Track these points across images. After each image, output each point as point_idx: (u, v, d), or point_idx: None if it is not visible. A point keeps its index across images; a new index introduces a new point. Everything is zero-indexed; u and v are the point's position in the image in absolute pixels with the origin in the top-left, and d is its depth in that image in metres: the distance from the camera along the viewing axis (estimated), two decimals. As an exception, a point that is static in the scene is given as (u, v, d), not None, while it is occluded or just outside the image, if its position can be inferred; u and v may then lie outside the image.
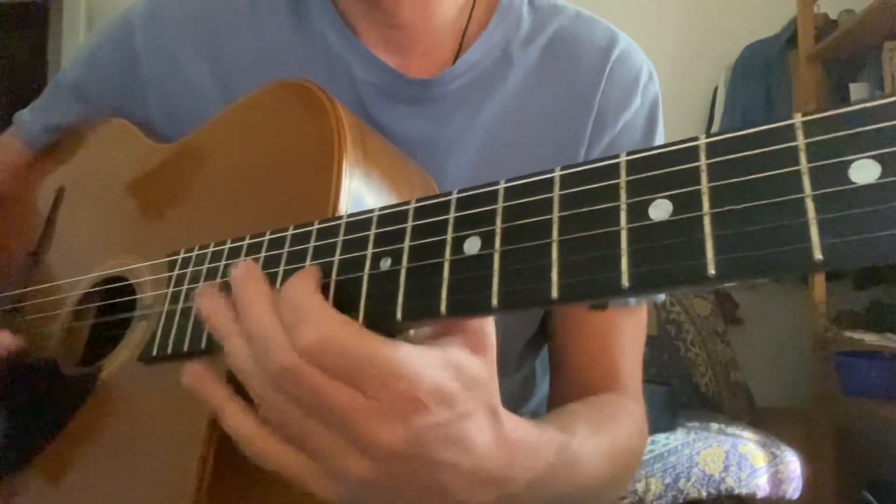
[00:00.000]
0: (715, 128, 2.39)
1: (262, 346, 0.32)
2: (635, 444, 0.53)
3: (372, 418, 0.30)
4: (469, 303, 0.30)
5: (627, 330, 0.59)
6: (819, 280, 2.04)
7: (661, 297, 0.73)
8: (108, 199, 0.59)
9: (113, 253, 0.53)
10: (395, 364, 0.30)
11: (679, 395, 1.92)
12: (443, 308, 0.30)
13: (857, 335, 1.87)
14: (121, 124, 0.62)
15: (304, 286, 0.32)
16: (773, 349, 2.27)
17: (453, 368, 0.31)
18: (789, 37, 2.30)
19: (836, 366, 1.94)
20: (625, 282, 0.26)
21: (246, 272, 0.34)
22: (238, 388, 0.35)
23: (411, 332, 0.34)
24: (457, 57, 0.59)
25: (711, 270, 0.24)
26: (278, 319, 0.32)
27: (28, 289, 0.60)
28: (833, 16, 2.20)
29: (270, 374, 0.31)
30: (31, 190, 0.68)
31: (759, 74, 2.31)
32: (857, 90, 2.12)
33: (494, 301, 0.29)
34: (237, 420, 0.34)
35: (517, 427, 0.35)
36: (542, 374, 0.68)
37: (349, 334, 0.30)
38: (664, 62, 2.42)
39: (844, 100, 2.15)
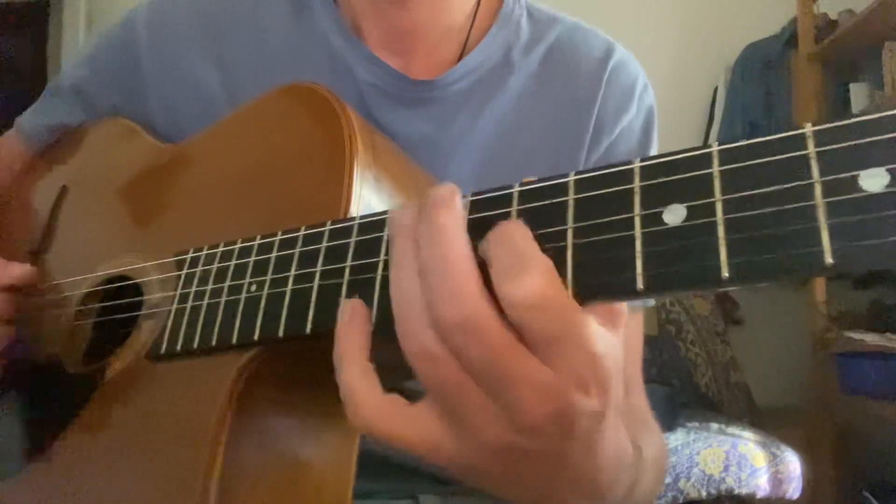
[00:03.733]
0: (715, 128, 2.39)
1: (444, 288, 0.27)
2: (665, 451, 0.53)
3: (537, 389, 0.27)
4: None
5: (632, 333, 0.59)
6: (819, 280, 2.04)
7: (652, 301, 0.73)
8: (111, 198, 0.59)
9: (116, 252, 0.53)
10: (592, 340, 0.27)
11: (679, 395, 1.92)
12: None
13: (857, 335, 1.88)
14: (124, 124, 0.62)
15: (524, 232, 0.28)
16: (773, 349, 2.27)
17: (615, 356, 0.28)
18: (789, 37, 2.30)
19: (836, 366, 1.94)
20: (640, 284, 0.26)
21: (449, 195, 0.29)
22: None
23: None
24: (458, 60, 0.59)
25: (725, 273, 0.25)
26: (472, 260, 0.28)
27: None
28: (833, 16, 2.21)
29: (445, 320, 0.27)
30: (32, 189, 0.68)
31: (759, 74, 2.32)
32: (857, 90, 2.13)
33: None
34: (363, 383, 0.30)
35: (626, 438, 0.33)
36: None
37: (566, 296, 0.27)
38: (664, 62, 2.42)
39: (845, 100, 2.16)
